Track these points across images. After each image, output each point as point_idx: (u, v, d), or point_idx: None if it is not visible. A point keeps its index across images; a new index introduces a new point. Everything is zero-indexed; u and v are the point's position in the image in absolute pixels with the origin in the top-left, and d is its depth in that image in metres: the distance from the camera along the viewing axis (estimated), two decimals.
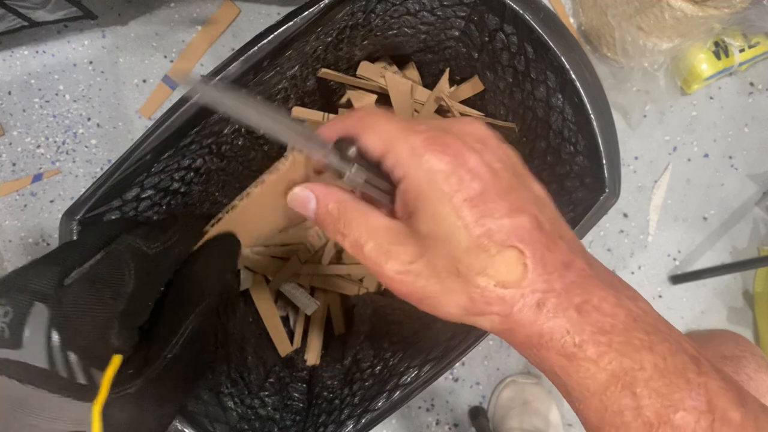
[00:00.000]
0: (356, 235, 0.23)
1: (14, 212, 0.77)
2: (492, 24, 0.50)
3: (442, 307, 0.22)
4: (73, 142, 0.78)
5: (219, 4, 0.79)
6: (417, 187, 0.22)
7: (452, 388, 0.79)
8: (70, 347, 0.21)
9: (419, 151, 0.22)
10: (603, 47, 0.81)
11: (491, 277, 0.21)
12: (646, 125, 0.84)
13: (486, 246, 0.21)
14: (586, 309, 0.21)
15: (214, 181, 0.56)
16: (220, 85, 0.26)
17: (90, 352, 0.21)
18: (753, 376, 0.44)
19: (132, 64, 0.79)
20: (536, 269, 0.21)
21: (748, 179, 0.85)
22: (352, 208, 0.24)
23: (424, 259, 0.22)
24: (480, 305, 0.22)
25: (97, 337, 0.22)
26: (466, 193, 0.21)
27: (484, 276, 0.21)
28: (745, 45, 0.81)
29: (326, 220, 0.24)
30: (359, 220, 0.23)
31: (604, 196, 0.44)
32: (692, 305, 0.83)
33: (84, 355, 0.21)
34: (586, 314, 0.21)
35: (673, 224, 0.83)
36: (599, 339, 0.20)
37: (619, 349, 0.20)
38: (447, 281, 0.22)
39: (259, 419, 0.51)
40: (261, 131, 0.25)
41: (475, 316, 0.22)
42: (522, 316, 0.21)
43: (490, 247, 0.21)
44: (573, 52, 0.45)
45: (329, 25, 0.48)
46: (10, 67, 0.78)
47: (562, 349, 0.21)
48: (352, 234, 0.23)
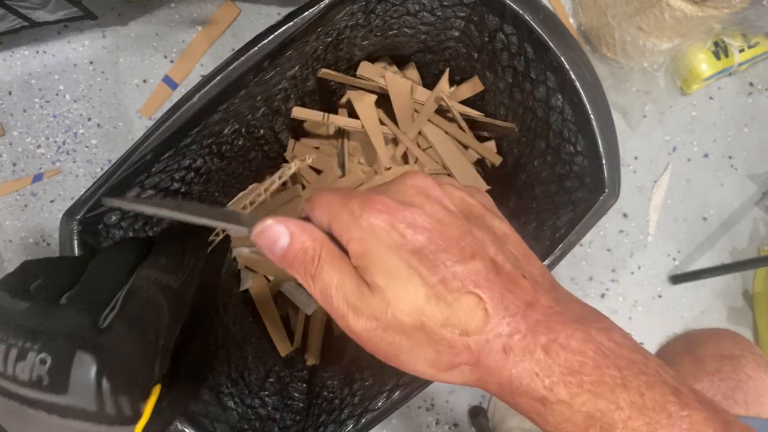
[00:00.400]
0: (325, 283, 0.22)
1: (14, 212, 0.77)
2: (492, 24, 0.50)
3: (412, 364, 0.22)
4: (74, 142, 0.78)
5: (219, 5, 0.79)
6: (363, 246, 0.22)
7: (452, 387, 0.79)
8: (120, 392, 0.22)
9: (357, 213, 0.22)
10: (603, 47, 0.81)
11: (454, 326, 0.21)
12: (645, 125, 0.84)
13: (443, 295, 0.21)
14: (554, 348, 0.20)
15: (215, 181, 0.57)
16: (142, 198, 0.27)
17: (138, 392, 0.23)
18: (752, 375, 0.44)
19: (132, 65, 0.79)
20: (497, 313, 0.21)
21: (748, 179, 0.85)
22: (327, 247, 0.23)
23: (389, 313, 0.21)
24: (447, 357, 0.21)
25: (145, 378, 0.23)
26: (412, 245, 0.21)
27: (447, 326, 0.21)
28: (744, 45, 0.81)
29: (297, 258, 0.23)
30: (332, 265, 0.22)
31: (604, 196, 0.44)
32: (692, 305, 0.83)
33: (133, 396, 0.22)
34: (554, 354, 0.20)
35: (672, 224, 0.83)
36: (569, 380, 0.20)
37: (592, 389, 0.19)
38: (414, 335, 0.21)
39: (260, 419, 0.51)
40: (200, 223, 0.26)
41: (445, 371, 0.22)
42: (490, 363, 0.21)
43: (447, 295, 0.21)
44: (573, 53, 0.45)
45: (329, 25, 0.48)
46: (11, 68, 0.78)
47: (534, 393, 0.20)
48: (322, 280, 0.22)
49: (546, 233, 0.50)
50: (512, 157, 0.62)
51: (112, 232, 0.46)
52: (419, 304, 0.21)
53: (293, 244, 0.23)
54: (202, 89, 0.42)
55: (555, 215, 0.50)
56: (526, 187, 0.58)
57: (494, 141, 0.65)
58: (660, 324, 0.82)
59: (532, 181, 0.56)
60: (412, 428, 0.78)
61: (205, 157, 0.51)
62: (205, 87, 0.42)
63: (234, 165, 0.58)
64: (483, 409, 0.78)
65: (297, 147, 0.67)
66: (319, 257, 0.22)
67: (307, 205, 0.25)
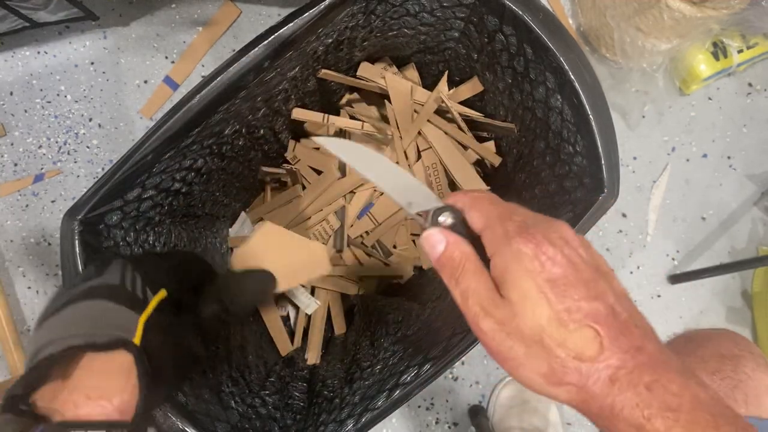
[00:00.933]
0: (465, 287, 0.26)
1: (16, 212, 0.78)
2: (491, 25, 0.50)
3: (523, 371, 0.25)
4: (75, 142, 0.78)
5: (220, 5, 0.79)
6: (504, 263, 0.25)
7: (452, 387, 0.79)
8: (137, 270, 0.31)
9: (510, 234, 0.26)
10: (602, 48, 0.81)
11: (570, 349, 0.24)
12: (644, 126, 0.84)
13: (565, 321, 0.24)
14: (655, 387, 0.23)
15: (215, 181, 0.57)
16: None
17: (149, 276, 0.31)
18: (751, 375, 0.45)
19: (133, 65, 0.79)
20: (611, 348, 0.24)
21: (747, 179, 0.85)
22: (472, 261, 0.27)
23: (515, 323, 0.25)
24: (558, 374, 0.24)
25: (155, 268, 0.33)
26: (547, 275, 0.25)
27: (563, 348, 0.24)
28: (743, 46, 0.81)
29: (447, 264, 0.27)
30: (473, 274, 0.27)
31: (603, 196, 0.44)
32: (691, 305, 0.83)
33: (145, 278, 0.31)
34: (655, 391, 0.23)
35: (671, 224, 0.84)
36: (666, 414, 0.22)
37: (685, 425, 0.22)
38: (532, 347, 0.24)
39: (260, 418, 0.51)
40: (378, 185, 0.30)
41: (553, 385, 0.24)
42: (596, 389, 0.24)
43: (569, 323, 0.24)
44: (572, 53, 0.45)
45: (330, 26, 0.48)
46: (12, 68, 0.78)
47: (633, 420, 0.23)
48: (463, 284, 0.26)
49: None
50: (511, 158, 0.62)
51: (113, 232, 0.46)
52: (542, 322, 0.24)
53: (446, 252, 0.28)
54: (202, 90, 0.42)
55: (554, 215, 0.50)
56: (525, 187, 0.58)
57: (494, 141, 0.65)
58: (659, 324, 0.82)
59: (532, 181, 0.57)
60: (412, 427, 0.78)
61: (206, 158, 0.51)
62: (206, 87, 0.42)
63: (234, 165, 0.58)
64: (483, 409, 0.78)
65: (297, 148, 0.68)
66: (463, 267, 0.27)
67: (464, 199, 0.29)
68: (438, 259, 0.28)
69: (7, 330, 0.71)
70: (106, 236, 0.45)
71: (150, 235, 0.51)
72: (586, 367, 0.24)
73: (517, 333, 0.25)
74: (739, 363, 0.45)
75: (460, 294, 0.27)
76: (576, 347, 0.24)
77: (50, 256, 0.78)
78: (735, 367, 0.44)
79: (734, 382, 0.43)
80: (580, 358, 0.24)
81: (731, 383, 0.43)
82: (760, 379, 0.44)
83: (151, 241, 0.51)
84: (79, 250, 0.42)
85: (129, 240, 0.48)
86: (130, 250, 0.48)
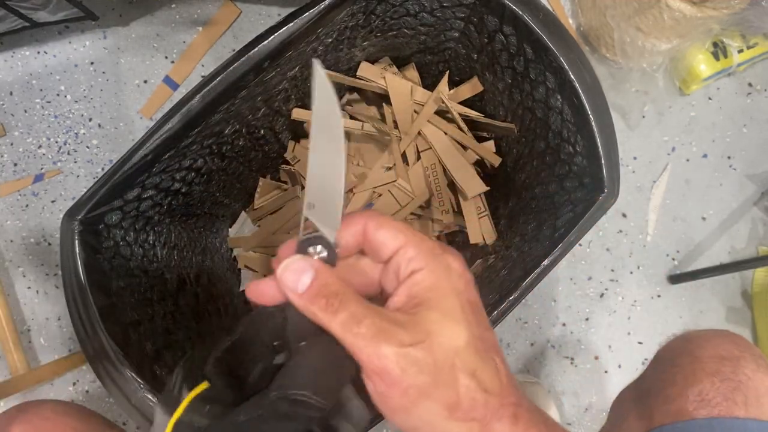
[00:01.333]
0: (352, 311, 0.22)
1: (16, 212, 0.77)
2: (491, 25, 0.50)
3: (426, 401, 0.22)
4: (75, 142, 0.78)
5: (220, 5, 0.79)
6: (434, 279, 0.23)
7: None
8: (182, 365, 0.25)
9: (438, 251, 0.24)
10: (602, 48, 0.81)
11: (479, 380, 0.22)
12: (644, 126, 0.84)
13: (479, 349, 0.23)
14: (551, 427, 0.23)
15: (215, 181, 0.57)
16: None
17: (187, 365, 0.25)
18: (751, 376, 0.44)
19: (133, 65, 0.79)
20: (510, 383, 0.23)
21: (747, 179, 0.85)
22: (350, 288, 0.24)
23: (425, 345, 0.22)
24: (464, 407, 0.22)
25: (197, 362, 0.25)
26: (469, 296, 0.24)
27: (474, 378, 0.22)
28: (743, 46, 0.81)
29: (320, 294, 0.23)
30: (356, 301, 0.23)
31: (603, 196, 0.44)
32: (691, 305, 0.83)
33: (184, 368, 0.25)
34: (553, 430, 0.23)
35: (671, 224, 0.84)
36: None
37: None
38: (441, 373, 0.22)
39: None
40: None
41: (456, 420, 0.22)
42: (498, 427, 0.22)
43: (482, 351, 0.23)
44: (572, 53, 0.45)
45: (329, 26, 0.48)
46: (12, 68, 0.78)
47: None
48: (348, 310, 0.23)
49: (545, 233, 0.50)
50: (511, 158, 0.62)
51: (113, 232, 0.46)
52: (459, 345, 0.22)
53: (318, 280, 0.23)
54: (202, 90, 0.42)
55: (554, 215, 0.50)
56: (525, 187, 0.58)
57: (493, 141, 0.65)
58: (659, 324, 0.82)
59: (532, 181, 0.57)
60: None
61: (206, 158, 0.51)
62: (206, 87, 0.42)
63: (234, 165, 0.58)
64: None
65: (297, 148, 0.68)
66: (343, 293, 0.23)
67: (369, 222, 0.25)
68: (305, 291, 0.23)
69: (7, 330, 0.71)
70: (106, 236, 0.45)
71: (150, 235, 0.51)
72: (492, 401, 0.22)
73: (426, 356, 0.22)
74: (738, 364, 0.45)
75: (342, 324, 0.22)
76: (484, 379, 0.22)
77: (50, 256, 0.78)
78: (734, 369, 0.44)
79: (734, 383, 0.43)
80: (486, 390, 0.22)
81: (731, 385, 0.43)
82: (761, 381, 0.43)
83: (151, 240, 0.51)
84: (79, 250, 0.42)
85: (129, 240, 0.48)
86: (130, 250, 0.48)
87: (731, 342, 0.46)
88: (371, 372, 0.22)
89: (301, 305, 0.23)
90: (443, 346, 0.22)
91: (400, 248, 0.24)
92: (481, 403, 0.22)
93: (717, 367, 0.44)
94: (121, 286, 0.45)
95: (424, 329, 0.22)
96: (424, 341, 0.22)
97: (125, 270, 0.47)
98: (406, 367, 0.21)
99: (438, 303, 0.23)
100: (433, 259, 0.24)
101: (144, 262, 0.50)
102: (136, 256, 0.49)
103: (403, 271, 0.24)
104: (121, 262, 0.47)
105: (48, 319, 0.77)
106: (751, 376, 0.43)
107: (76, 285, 0.41)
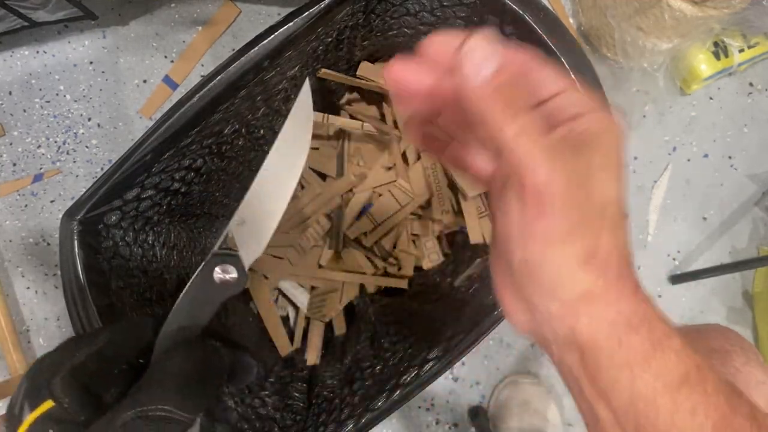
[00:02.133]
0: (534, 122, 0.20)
1: (15, 212, 0.77)
2: (492, 24, 0.50)
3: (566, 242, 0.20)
4: (74, 142, 0.78)
5: (219, 5, 0.79)
6: (602, 126, 0.21)
7: (452, 387, 0.79)
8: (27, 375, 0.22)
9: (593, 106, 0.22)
10: (603, 47, 0.81)
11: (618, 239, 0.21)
12: (645, 125, 0.84)
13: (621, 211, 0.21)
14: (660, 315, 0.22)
15: (215, 181, 0.57)
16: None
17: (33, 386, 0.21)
18: (741, 369, 0.44)
19: (132, 65, 0.79)
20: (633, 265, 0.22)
21: (748, 179, 0.85)
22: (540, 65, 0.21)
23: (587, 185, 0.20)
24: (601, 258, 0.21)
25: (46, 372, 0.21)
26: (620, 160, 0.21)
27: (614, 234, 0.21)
28: (744, 45, 0.81)
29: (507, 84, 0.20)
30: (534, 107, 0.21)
31: None
32: (692, 305, 0.83)
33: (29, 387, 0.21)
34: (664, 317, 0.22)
35: (672, 224, 0.84)
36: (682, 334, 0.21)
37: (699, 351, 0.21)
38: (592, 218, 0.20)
39: (260, 418, 0.51)
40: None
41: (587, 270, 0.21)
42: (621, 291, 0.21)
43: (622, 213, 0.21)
44: (573, 53, 0.45)
45: (329, 25, 0.48)
46: (11, 68, 0.78)
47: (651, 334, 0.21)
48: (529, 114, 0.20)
49: None
50: None
51: (112, 232, 0.46)
52: (612, 197, 0.21)
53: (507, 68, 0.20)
54: (202, 89, 0.42)
55: None
56: None
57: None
58: None
59: None
60: (412, 428, 0.78)
61: (206, 157, 0.51)
62: (206, 87, 0.42)
63: (234, 165, 0.58)
64: (483, 409, 0.78)
65: None
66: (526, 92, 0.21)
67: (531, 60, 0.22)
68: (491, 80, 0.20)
69: (6, 330, 0.71)
70: (105, 236, 0.45)
71: (149, 235, 0.51)
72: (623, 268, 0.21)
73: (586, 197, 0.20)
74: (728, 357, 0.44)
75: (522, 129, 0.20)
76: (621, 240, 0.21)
77: (49, 257, 0.77)
78: (724, 361, 0.44)
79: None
80: (622, 255, 0.21)
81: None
82: (750, 373, 0.43)
83: (150, 240, 0.51)
84: (79, 250, 0.42)
85: (128, 240, 0.48)
86: (129, 250, 0.48)
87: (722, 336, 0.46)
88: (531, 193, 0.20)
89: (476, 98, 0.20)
90: (599, 193, 0.21)
91: (563, 91, 0.22)
92: (615, 263, 0.21)
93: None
94: (120, 286, 0.45)
95: (586, 169, 0.20)
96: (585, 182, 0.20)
97: (124, 270, 0.47)
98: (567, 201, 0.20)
99: (602, 150, 0.21)
100: (600, 108, 0.22)
101: (143, 262, 0.50)
102: (136, 257, 0.49)
103: (566, 112, 0.22)
104: (120, 263, 0.46)
105: (47, 319, 0.77)
106: (741, 369, 0.43)
107: (75, 285, 0.41)
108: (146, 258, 0.50)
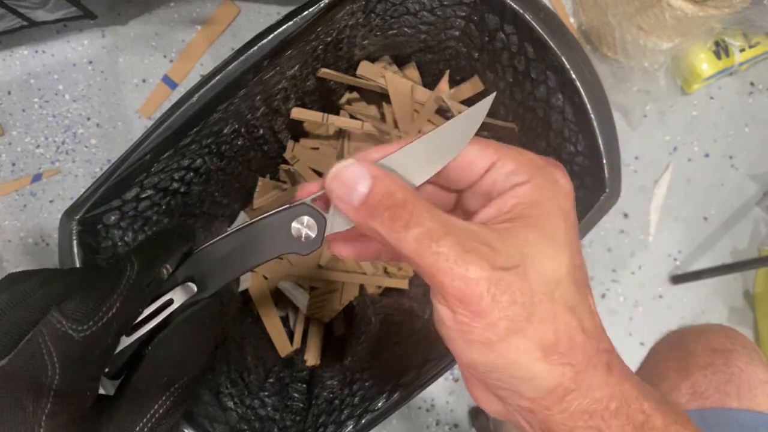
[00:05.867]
0: (428, 226, 0.18)
1: (14, 212, 0.77)
2: (492, 24, 0.50)
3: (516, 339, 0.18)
4: (73, 141, 0.78)
5: (219, 4, 0.79)
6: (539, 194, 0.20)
7: (452, 388, 0.79)
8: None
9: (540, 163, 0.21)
10: (603, 47, 0.81)
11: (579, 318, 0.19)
12: (646, 125, 0.84)
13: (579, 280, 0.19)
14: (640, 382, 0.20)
15: (214, 181, 0.56)
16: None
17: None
18: (744, 369, 0.44)
19: (132, 64, 0.79)
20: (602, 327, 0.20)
21: (749, 179, 0.85)
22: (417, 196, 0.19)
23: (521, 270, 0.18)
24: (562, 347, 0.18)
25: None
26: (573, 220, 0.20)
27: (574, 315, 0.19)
28: (745, 45, 0.80)
29: (383, 204, 0.19)
30: (432, 210, 0.19)
31: (605, 195, 0.44)
32: (692, 305, 0.83)
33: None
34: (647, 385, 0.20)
35: (673, 224, 0.83)
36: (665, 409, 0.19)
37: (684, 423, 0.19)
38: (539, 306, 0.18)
39: (259, 419, 0.51)
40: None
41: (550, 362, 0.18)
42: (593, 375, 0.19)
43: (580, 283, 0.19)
44: (573, 52, 0.44)
45: (329, 24, 0.48)
46: (10, 67, 0.78)
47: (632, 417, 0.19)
48: (424, 224, 0.18)
49: None
50: None
51: (111, 232, 0.46)
52: (560, 274, 0.19)
53: (378, 188, 0.19)
54: (201, 89, 0.42)
55: None
56: None
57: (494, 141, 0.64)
58: (660, 324, 0.82)
59: None
60: (413, 429, 0.78)
61: (205, 157, 0.51)
62: (205, 87, 0.42)
63: (233, 165, 0.58)
64: (483, 410, 0.78)
65: (296, 148, 0.67)
66: (413, 202, 0.19)
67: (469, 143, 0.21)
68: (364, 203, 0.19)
69: None
70: (105, 236, 0.45)
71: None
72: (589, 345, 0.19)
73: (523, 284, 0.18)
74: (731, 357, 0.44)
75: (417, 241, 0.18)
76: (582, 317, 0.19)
77: (49, 257, 0.77)
78: (727, 361, 0.44)
79: (726, 375, 0.43)
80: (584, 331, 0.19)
81: (723, 377, 0.43)
82: (753, 372, 0.43)
83: None
84: (78, 251, 0.42)
85: (127, 240, 0.48)
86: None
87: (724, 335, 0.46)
88: (453, 298, 0.18)
89: (359, 221, 0.19)
90: (542, 274, 0.18)
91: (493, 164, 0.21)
92: (579, 346, 0.18)
93: (709, 360, 0.43)
94: None
95: (518, 251, 0.18)
96: (519, 265, 0.18)
97: None
98: (497, 294, 0.18)
99: (540, 222, 0.19)
100: (538, 171, 0.20)
101: None
102: None
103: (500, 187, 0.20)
104: None
105: None
106: (744, 368, 0.43)
107: None
108: None
